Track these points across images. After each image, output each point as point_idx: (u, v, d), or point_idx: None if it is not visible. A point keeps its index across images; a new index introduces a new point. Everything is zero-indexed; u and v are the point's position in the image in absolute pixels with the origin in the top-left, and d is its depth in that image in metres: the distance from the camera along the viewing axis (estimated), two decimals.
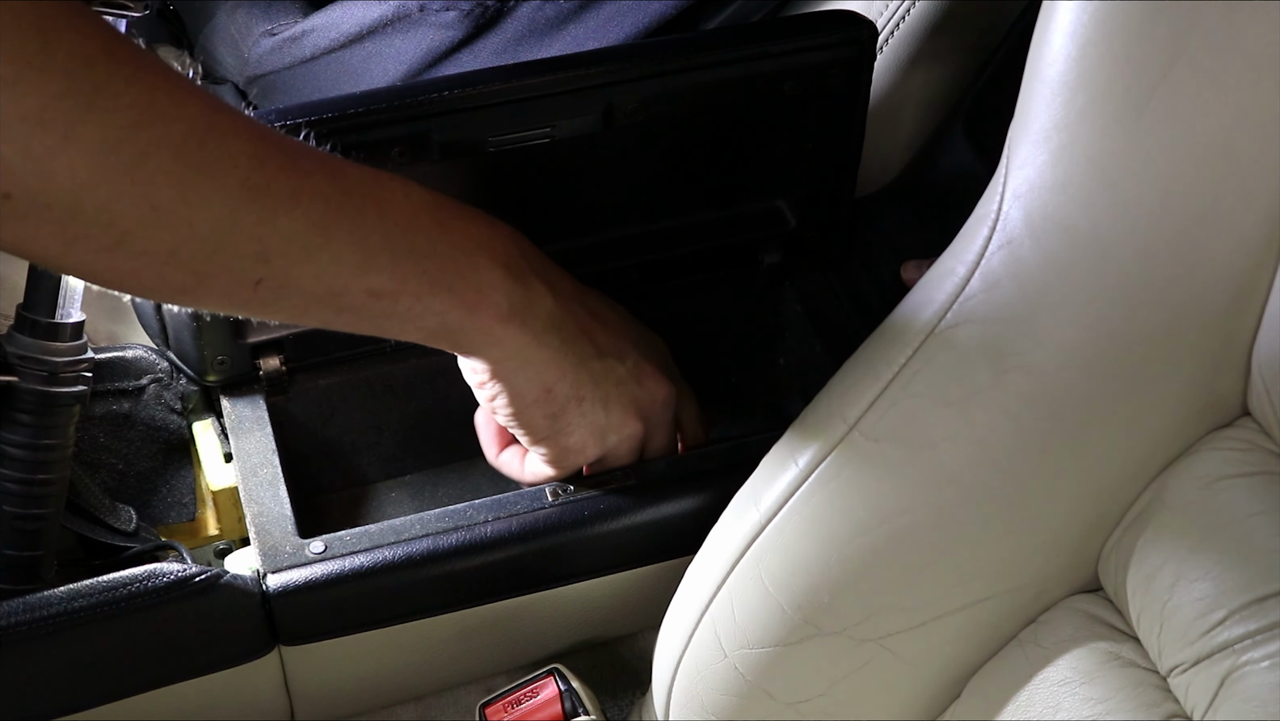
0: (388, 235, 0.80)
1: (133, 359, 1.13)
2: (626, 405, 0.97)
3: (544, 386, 0.92)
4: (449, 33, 1.15)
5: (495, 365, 0.90)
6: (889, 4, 1.16)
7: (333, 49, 1.17)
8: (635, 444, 1.00)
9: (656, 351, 1.01)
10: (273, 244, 0.74)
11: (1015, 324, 0.82)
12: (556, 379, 0.92)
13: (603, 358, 0.94)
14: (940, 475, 0.84)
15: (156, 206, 0.68)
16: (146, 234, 0.69)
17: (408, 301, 0.82)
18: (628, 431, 0.98)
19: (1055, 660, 0.85)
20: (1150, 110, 0.77)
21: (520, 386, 0.91)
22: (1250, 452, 0.82)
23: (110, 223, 0.67)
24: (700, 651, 0.92)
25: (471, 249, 0.85)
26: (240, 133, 0.72)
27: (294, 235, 0.75)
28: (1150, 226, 0.79)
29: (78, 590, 0.94)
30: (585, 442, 0.97)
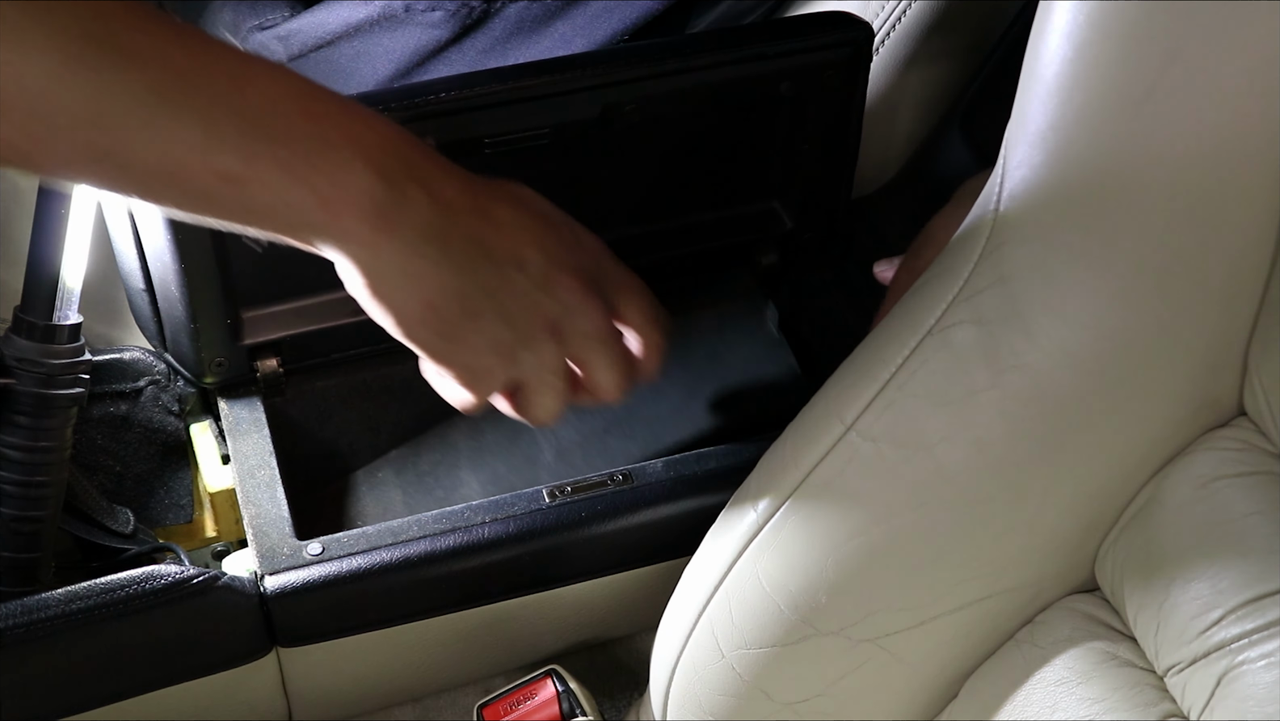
0: (239, 113, 0.74)
1: (130, 361, 1.13)
2: (533, 318, 0.87)
3: (425, 302, 0.83)
4: (436, 32, 1.15)
5: (367, 274, 0.81)
6: (885, 5, 1.17)
7: (320, 46, 1.17)
8: (558, 361, 0.90)
9: (578, 253, 0.91)
10: (108, 106, 0.70)
11: (1012, 324, 0.83)
12: (439, 293, 0.83)
13: (499, 268, 0.85)
14: (937, 475, 0.84)
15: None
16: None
17: (258, 190, 0.75)
18: (542, 349, 0.88)
19: (1052, 660, 0.85)
20: (1146, 111, 0.77)
21: (400, 302, 0.83)
22: (1246, 452, 0.82)
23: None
24: (698, 652, 0.92)
25: (338, 142, 0.77)
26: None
27: (132, 99, 0.70)
28: (1147, 226, 0.79)
29: (75, 592, 0.95)
30: (492, 364, 0.87)
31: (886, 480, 0.85)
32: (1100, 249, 0.80)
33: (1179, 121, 0.77)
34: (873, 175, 1.23)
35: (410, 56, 1.16)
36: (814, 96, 1.08)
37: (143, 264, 1.03)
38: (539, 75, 1.01)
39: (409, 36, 1.16)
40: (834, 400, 0.88)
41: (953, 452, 0.83)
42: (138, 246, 1.02)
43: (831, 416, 0.87)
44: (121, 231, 1.02)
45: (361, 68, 1.18)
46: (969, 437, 0.83)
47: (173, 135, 0.72)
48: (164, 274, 1.02)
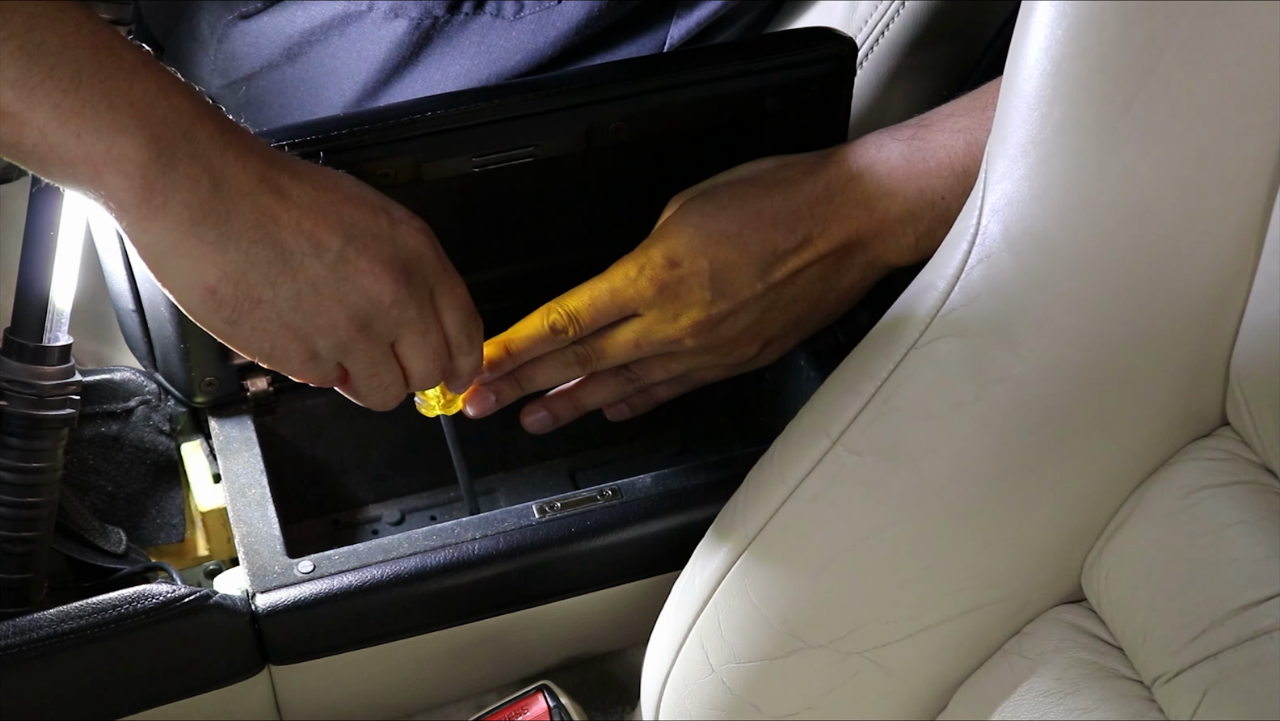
0: (27, 50, 0.71)
1: (121, 381, 1.13)
2: (329, 306, 0.83)
3: (204, 285, 0.79)
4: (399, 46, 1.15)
5: (143, 250, 0.78)
6: (869, 20, 1.17)
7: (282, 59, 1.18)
8: (365, 352, 0.87)
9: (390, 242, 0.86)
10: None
11: (995, 337, 0.83)
12: (218, 279, 0.79)
13: (288, 255, 0.81)
14: (923, 488, 0.84)
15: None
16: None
17: (32, 134, 0.73)
18: (340, 337, 0.85)
19: (1040, 671, 0.85)
20: (1125, 124, 0.78)
21: (177, 281, 0.80)
22: (1230, 462, 0.82)
23: None
24: (688, 666, 0.93)
25: (121, 104, 0.74)
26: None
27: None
28: (1127, 239, 0.80)
29: (68, 612, 0.95)
30: (285, 350, 0.84)
31: (873, 493, 0.85)
32: (1082, 261, 0.81)
33: (1158, 133, 0.78)
34: None
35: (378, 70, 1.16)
36: (799, 111, 1.08)
37: (132, 284, 1.04)
38: (524, 94, 1.01)
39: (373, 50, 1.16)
40: (820, 414, 0.88)
41: (939, 465, 0.84)
42: (127, 266, 1.02)
43: (818, 431, 0.87)
44: (110, 252, 1.02)
45: (326, 81, 1.18)
46: (955, 450, 0.84)
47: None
48: (153, 294, 1.03)
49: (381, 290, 0.84)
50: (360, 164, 0.98)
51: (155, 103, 0.76)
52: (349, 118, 0.99)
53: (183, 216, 0.77)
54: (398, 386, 0.91)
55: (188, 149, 0.77)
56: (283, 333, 0.83)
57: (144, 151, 0.75)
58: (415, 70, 1.15)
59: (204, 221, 0.78)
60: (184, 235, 0.78)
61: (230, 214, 0.79)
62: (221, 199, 0.78)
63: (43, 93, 0.72)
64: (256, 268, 0.80)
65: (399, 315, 0.86)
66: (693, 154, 1.11)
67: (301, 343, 0.84)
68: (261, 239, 0.80)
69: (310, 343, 0.84)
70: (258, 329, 0.82)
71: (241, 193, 0.79)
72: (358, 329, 0.85)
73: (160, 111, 0.76)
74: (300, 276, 0.82)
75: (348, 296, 0.84)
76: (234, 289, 0.80)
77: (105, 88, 0.74)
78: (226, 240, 0.79)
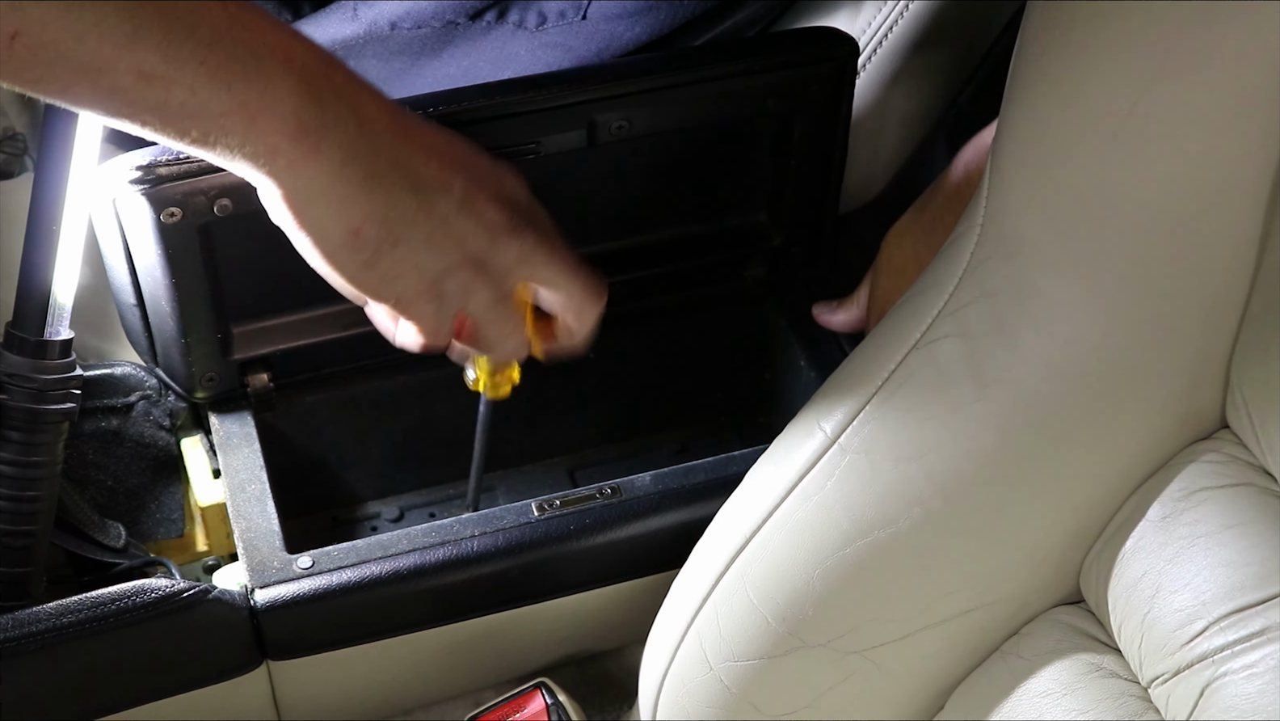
0: (164, 11, 0.71)
1: (121, 376, 1.13)
2: (455, 243, 0.85)
3: (349, 227, 0.81)
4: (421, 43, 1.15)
5: (290, 196, 0.79)
6: (872, 21, 1.17)
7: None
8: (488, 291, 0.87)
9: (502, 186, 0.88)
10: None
11: (997, 338, 0.83)
12: (363, 218, 0.81)
13: (422, 191, 0.82)
14: (923, 488, 0.84)
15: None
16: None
17: (181, 93, 0.72)
18: (466, 276, 0.86)
19: (1038, 671, 0.85)
20: (1128, 127, 0.78)
21: (323, 225, 0.80)
22: (1228, 465, 0.82)
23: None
24: (686, 664, 0.93)
25: (264, 52, 0.75)
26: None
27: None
28: (1129, 242, 0.80)
29: (67, 606, 0.95)
30: (416, 291, 0.85)
31: (872, 493, 0.85)
32: (1083, 264, 0.81)
33: (1160, 138, 0.78)
34: (859, 190, 1.24)
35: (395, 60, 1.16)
36: (800, 111, 1.08)
37: (134, 279, 1.04)
38: (526, 91, 1.01)
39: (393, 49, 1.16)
40: (820, 413, 0.88)
41: (938, 466, 0.84)
42: (129, 261, 1.02)
43: (817, 429, 0.87)
44: (112, 247, 1.02)
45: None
46: (954, 451, 0.84)
47: (94, 25, 0.70)
48: (155, 289, 1.03)
49: (503, 221, 0.86)
50: None
51: (293, 50, 0.76)
52: None
53: (334, 157, 0.78)
54: (522, 330, 0.91)
55: (334, 91, 0.78)
56: (414, 274, 0.84)
57: (296, 95, 0.76)
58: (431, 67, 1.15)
59: (353, 161, 0.79)
60: (335, 176, 0.79)
61: (373, 153, 0.80)
62: (366, 138, 0.79)
63: (188, 50, 0.72)
64: (397, 207, 0.81)
65: (521, 243, 0.87)
66: (694, 152, 1.11)
67: (431, 284, 0.85)
68: (400, 178, 0.81)
69: (439, 284, 0.85)
70: (392, 270, 0.83)
71: (381, 131, 0.80)
72: (481, 265, 0.86)
73: (299, 56, 0.76)
74: (434, 215, 0.83)
75: (472, 232, 0.85)
76: (377, 229, 0.81)
77: (245, 37, 0.74)
78: (372, 180, 0.80)
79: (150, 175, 0.95)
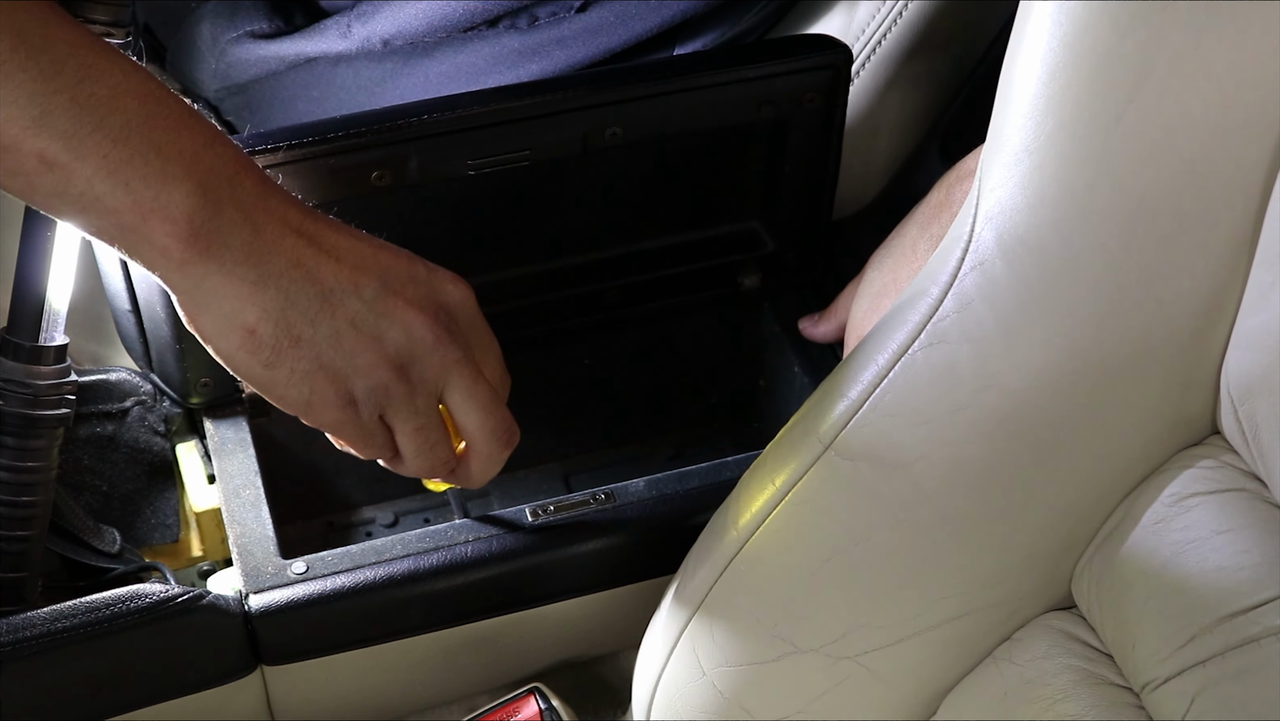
0: (78, 102, 0.72)
1: (116, 381, 1.13)
2: (369, 344, 0.82)
3: (245, 327, 0.79)
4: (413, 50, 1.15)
5: (184, 298, 0.79)
6: (866, 29, 1.17)
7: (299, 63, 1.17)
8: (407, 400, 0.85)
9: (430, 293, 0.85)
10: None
11: (987, 344, 0.83)
12: (258, 319, 0.79)
13: (325, 292, 0.81)
14: (915, 494, 0.84)
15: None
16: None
17: (79, 184, 0.73)
18: (379, 378, 0.83)
19: (1030, 677, 0.85)
20: (1118, 133, 0.78)
21: (218, 325, 0.80)
22: (1220, 470, 0.82)
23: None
24: (679, 669, 0.93)
25: (170, 153, 0.75)
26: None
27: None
28: (1119, 247, 0.80)
29: (61, 611, 0.95)
30: (324, 394, 0.83)
31: (864, 498, 0.85)
32: (1074, 269, 0.81)
33: (1151, 143, 0.78)
34: (853, 196, 1.24)
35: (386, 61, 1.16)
36: (794, 118, 1.08)
37: (128, 284, 1.04)
38: (521, 98, 1.01)
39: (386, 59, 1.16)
40: (812, 419, 0.88)
41: (930, 471, 0.84)
42: (124, 267, 1.03)
43: (809, 435, 0.87)
44: (107, 253, 1.03)
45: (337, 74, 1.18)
46: (946, 456, 0.84)
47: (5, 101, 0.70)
48: (149, 294, 1.03)
49: (423, 329, 0.83)
50: (355, 166, 0.98)
51: (201, 152, 0.77)
52: (345, 120, 0.99)
53: (224, 260, 0.78)
54: (444, 447, 0.89)
55: (231, 196, 0.78)
56: (321, 375, 0.82)
57: (191, 199, 0.76)
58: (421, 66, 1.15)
59: (244, 263, 0.78)
60: (225, 278, 0.78)
61: (269, 255, 0.79)
62: (263, 241, 0.79)
63: (92, 143, 0.73)
64: (296, 305, 0.80)
65: (441, 357, 0.85)
66: (688, 158, 1.12)
67: (340, 385, 0.83)
68: (300, 277, 0.80)
69: (349, 384, 0.83)
70: (296, 370, 0.81)
71: (280, 236, 0.79)
72: (397, 371, 0.83)
73: (206, 161, 0.77)
74: (339, 314, 0.81)
75: (387, 334, 0.83)
76: (273, 327, 0.80)
77: (154, 138, 0.75)
78: (266, 279, 0.79)
79: None
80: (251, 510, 1.05)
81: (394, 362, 0.83)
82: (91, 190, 0.74)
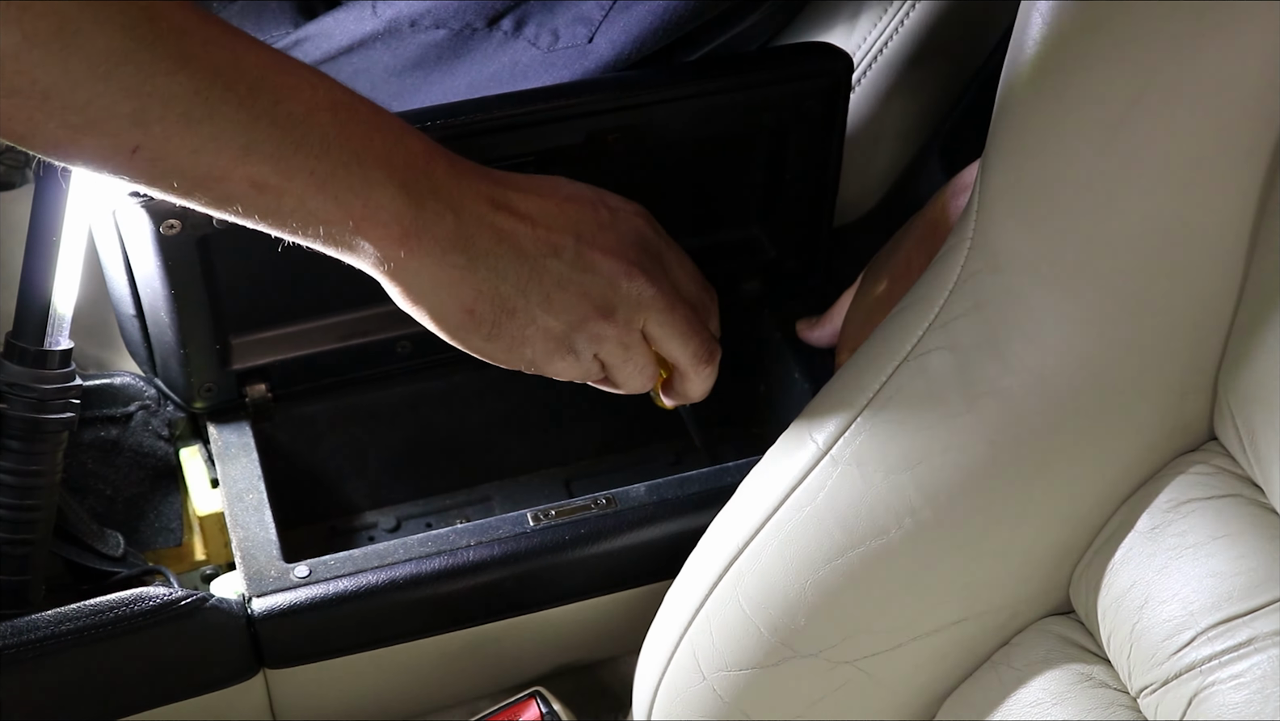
0: (278, 124, 0.75)
1: (120, 386, 1.13)
2: (576, 300, 0.88)
3: (463, 308, 0.85)
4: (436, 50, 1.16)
5: (403, 288, 0.84)
6: (867, 37, 1.18)
7: (323, 61, 1.18)
8: (616, 339, 0.91)
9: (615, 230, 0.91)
10: (151, 107, 0.70)
11: (987, 350, 0.83)
12: (474, 298, 0.85)
13: (529, 260, 0.86)
14: (913, 499, 0.85)
15: (30, 36, 0.65)
16: (18, 67, 0.66)
17: (291, 201, 0.77)
18: (591, 328, 0.89)
19: (1028, 681, 0.86)
20: (1118, 139, 0.78)
21: (439, 310, 0.85)
22: (1216, 476, 0.83)
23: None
24: (679, 673, 0.93)
25: (369, 161, 0.79)
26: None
27: (173, 100, 0.70)
28: (1118, 254, 0.80)
29: (65, 614, 0.95)
30: (550, 353, 0.89)
31: (863, 504, 0.85)
32: (1072, 277, 0.81)
33: (1149, 151, 0.78)
34: (854, 204, 1.24)
35: (409, 73, 1.17)
36: (795, 126, 1.09)
37: (133, 290, 1.04)
38: (524, 103, 1.02)
39: (409, 53, 1.16)
40: (812, 425, 0.88)
41: (928, 477, 0.84)
42: (128, 272, 1.03)
43: (809, 441, 0.88)
44: (112, 258, 1.03)
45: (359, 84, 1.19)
46: (944, 462, 0.84)
47: (211, 139, 0.73)
48: (154, 300, 1.03)
49: (620, 275, 0.89)
50: None
51: (394, 150, 0.80)
52: None
53: (433, 248, 0.82)
54: (651, 366, 0.94)
55: (430, 188, 0.82)
56: (539, 337, 0.88)
57: (396, 201, 0.80)
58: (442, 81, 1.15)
59: (453, 250, 0.83)
60: (438, 266, 0.83)
61: (473, 236, 0.84)
62: (463, 225, 0.83)
63: (297, 161, 0.76)
64: (506, 279, 0.85)
65: (639, 294, 0.90)
66: (689, 165, 1.12)
67: (559, 342, 0.89)
68: (505, 252, 0.85)
69: (568, 339, 0.89)
70: (516, 337, 0.87)
71: (478, 216, 0.84)
72: (606, 317, 0.89)
73: (400, 158, 0.80)
74: (545, 278, 0.87)
75: (591, 286, 0.88)
76: (490, 304, 0.85)
77: (351, 146, 0.78)
78: (475, 261, 0.84)
79: None
80: (254, 514, 1.05)
81: (601, 310, 0.89)
82: (303, 206, 0.77)
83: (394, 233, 0.80)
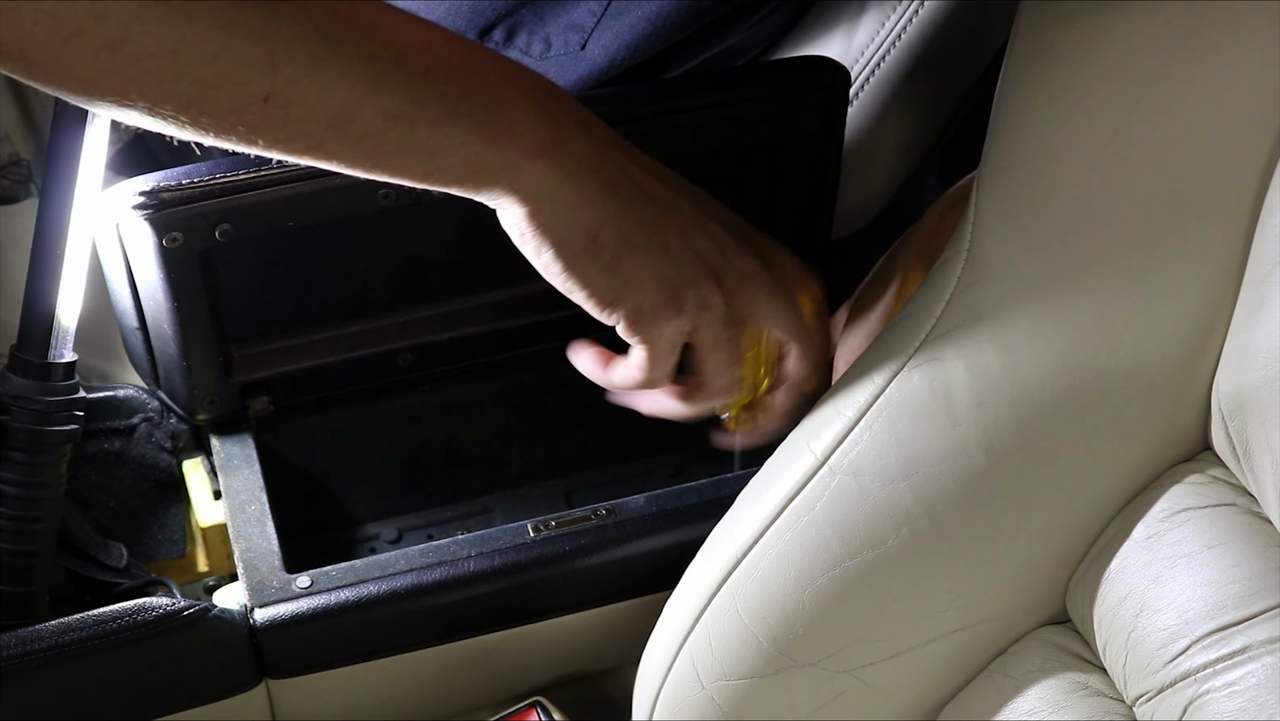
0: (401, 55, 0.75)
1: (124, 398, 1.14)
2: (691, 256, 0.88)
3: (589, 232, 0.83)
4: None
5: (530, 209, 0.82)
6: (865, 50, 1.18)
7: None
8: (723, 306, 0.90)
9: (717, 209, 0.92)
10: (278, 48, 0.70)
11: (981, 362, 0.84)
12: (600, 222, 0.84)
13: (653, 203, 0.86)
14: (911, 509, 0.85)
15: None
16: (145, 28, 0.67)
17: (426, 129, 0.76)
18: (703, 289, 0.88)
19: (1025, 690, 0.86)
20: (1110, 154, 0.79)
21: (562, 233, 0.83)
22: (1210, 485, 0.83)
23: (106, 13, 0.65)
24: (679, 683, 0.93)
25: (496, 79, 0.79)
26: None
27: (299, 39, 0.71)
28: (1113, 264, 0.81)
29: (68, 624, 0.96)
30: (657, 306, 0.87)
31: (861, 513, 0.86)
32: (1067, 287, 0.82)
33: (1142, 164, 0.79)
34: (853, 216, 1.24)
35: None
36: (792, 139, 1.09)
37: (136, 303, 1.04)
38: None
39: None
40: (810, 435, 0.89)
41: (925, 487, 0.85)
42: (131, 285, 1.03)
43: (807, 451, 0.88)
44: (116, 271, 1.03)
45: None
46: (941, 472, 0.84)
47: (340, 74, 0.73)
48: (157, 313, 1.04)
49: (727, 243, 0.89)
50: (363, 185, 0.99)
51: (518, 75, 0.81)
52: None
53: (569, 165, 0.82)
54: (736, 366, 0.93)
55: (560, 106, 0.82)
56: (653, 284, 0.87)
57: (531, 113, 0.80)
58: None
59: (588, 169, 0.83)
60: (570, 183, 0.82)
61: (606, 162, 0.84)
62: (597, 150, 0.83)
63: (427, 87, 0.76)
64: (633, 213, 0.85)
65: (744, 267, 0.90)
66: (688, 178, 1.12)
67: (670, 294, 0.87)
68: (633, 188, 0.85)
69: (678, 294, 0.88)
70: (632, 276, 0.86)
71: (608, 144, 0.85)
72: (716, 282, 0.89)
73: (526, 80, 0.81)
74: (668, 226, 0.86)
75: (704, 247, 0.88)
76: (615, 233, 0.84)
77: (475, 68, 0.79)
78: (606, 186, 0.84)
79: (153, 201, 0.96)
80: (257, 525, 1.06)
81: (712, 274, 0.89)
82: (439, 131, 0.77)
83: (530, 144, 0.80)
